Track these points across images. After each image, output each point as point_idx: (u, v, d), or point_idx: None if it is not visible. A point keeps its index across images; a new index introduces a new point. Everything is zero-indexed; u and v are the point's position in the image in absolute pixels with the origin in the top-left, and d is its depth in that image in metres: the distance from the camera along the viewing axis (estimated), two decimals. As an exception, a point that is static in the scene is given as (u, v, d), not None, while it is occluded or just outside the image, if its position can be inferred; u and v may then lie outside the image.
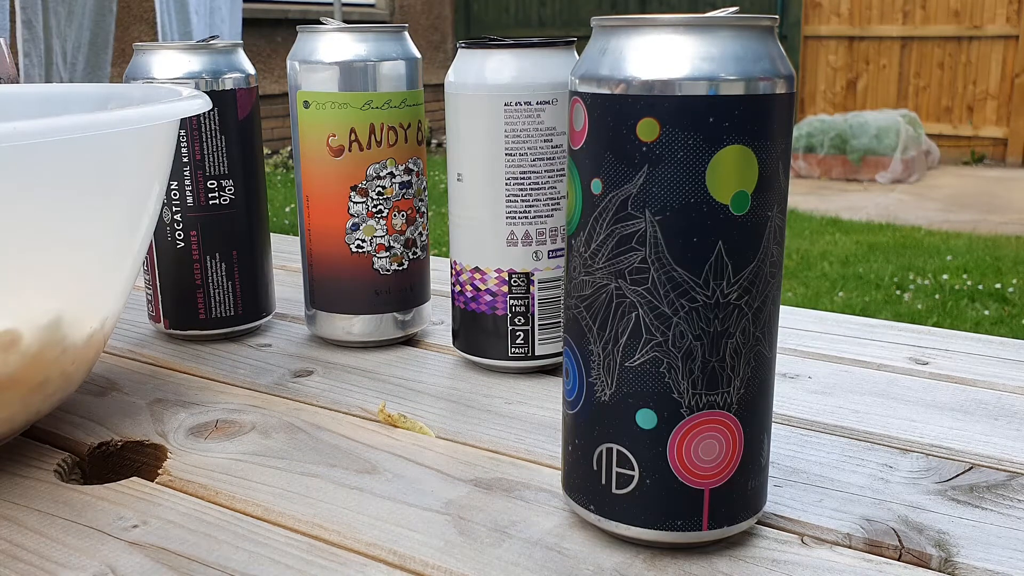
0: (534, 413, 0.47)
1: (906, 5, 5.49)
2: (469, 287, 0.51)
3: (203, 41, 0.56)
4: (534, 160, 0.48)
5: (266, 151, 5.12)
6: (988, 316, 2.53)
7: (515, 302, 0.50)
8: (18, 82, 0.61)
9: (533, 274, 0.50)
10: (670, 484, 0.33)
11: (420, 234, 0.56)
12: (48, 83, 0.54)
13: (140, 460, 0.44)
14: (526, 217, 0.49)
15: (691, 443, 0.32)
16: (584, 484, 0.35)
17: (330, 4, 5.02)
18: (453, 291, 0.53)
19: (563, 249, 0.50)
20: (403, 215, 0.54)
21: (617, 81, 0.31)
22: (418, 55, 0.55)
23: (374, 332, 0.56)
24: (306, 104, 0.53)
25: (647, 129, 0.30)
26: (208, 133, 0.54)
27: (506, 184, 0.49)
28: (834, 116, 5.06)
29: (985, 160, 5.33)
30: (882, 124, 4.75)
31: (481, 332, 0.51)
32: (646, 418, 0.32)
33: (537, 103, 0.48)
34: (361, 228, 0.54)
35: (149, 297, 0.58)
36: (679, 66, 0.30)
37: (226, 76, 0.55)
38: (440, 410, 0.47)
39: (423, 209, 0.56)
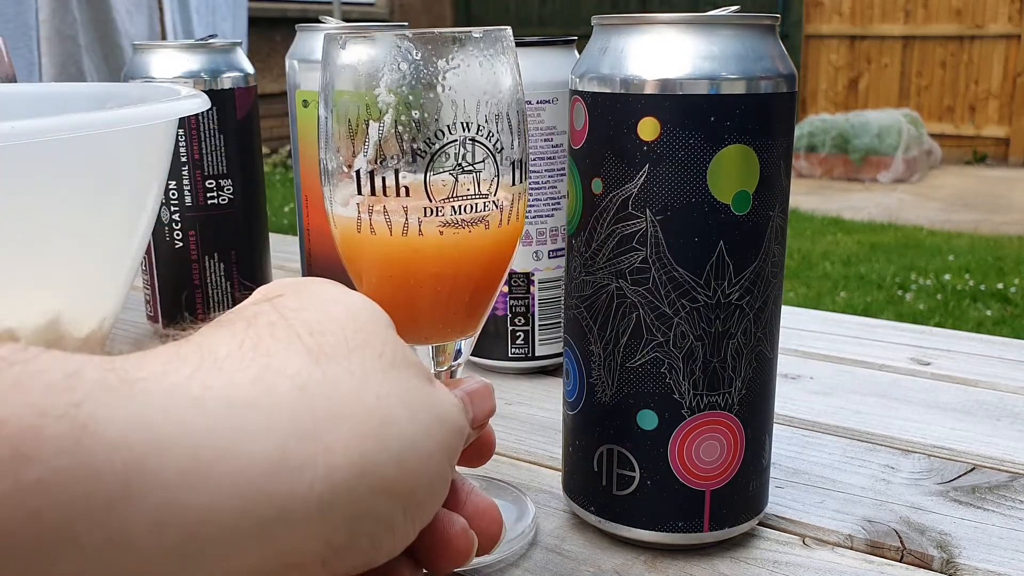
0: (534, 414, 0.47)
1: (908, 4, 5.49)
2: (469, 287, 0.51)
3: (201, 40, 0.56)
4: (534, 160, 0.48)
5: (265, 150, 5.12)
6: (990, 316, 2.52)
7: (515, 302, 0.50)
8: (16, 81, 0.61)
9: (533, 274, 0.50)
10: (671, 485, 0.33)
11: (420, 234, 0.56)
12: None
13: (139, 461, 0.43)
14: (526, 217, 0.49)
15: (692, 444, 0.32)
16: (585, 485, 0.35)
17: (329, 3, 5.02)
18: (453, 291, 0.52)
19: (563, 249, 0.50)
20: (403, 215, 0.54)
21: (618, 80, 0.31)
22: (418, 54, 0.55)
23: (374, 332, 0.56)
24: (305, 103, 0.53)
25: (648, 128, 0.30)
26: (207, 132, 0.54)
27: (506, 184, 0.48)
28: (836, 115, 5.06)
29: (987, 160, 5.32)
30: (884, 123, 4.74)
31: (481, 332, 0.51)
32: (647, 419, 0.32)
33: (537, 102, 0.47)
34: (361, 228, 0.53)
35: (147, 297, 0.58)
36: (680, 65, 0.30)
37: (225, 75, 0.55)
38: (440, 410, 0.47)
39: (423, 209, 0.56)
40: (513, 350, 0.51)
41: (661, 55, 0.30)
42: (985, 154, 5.35)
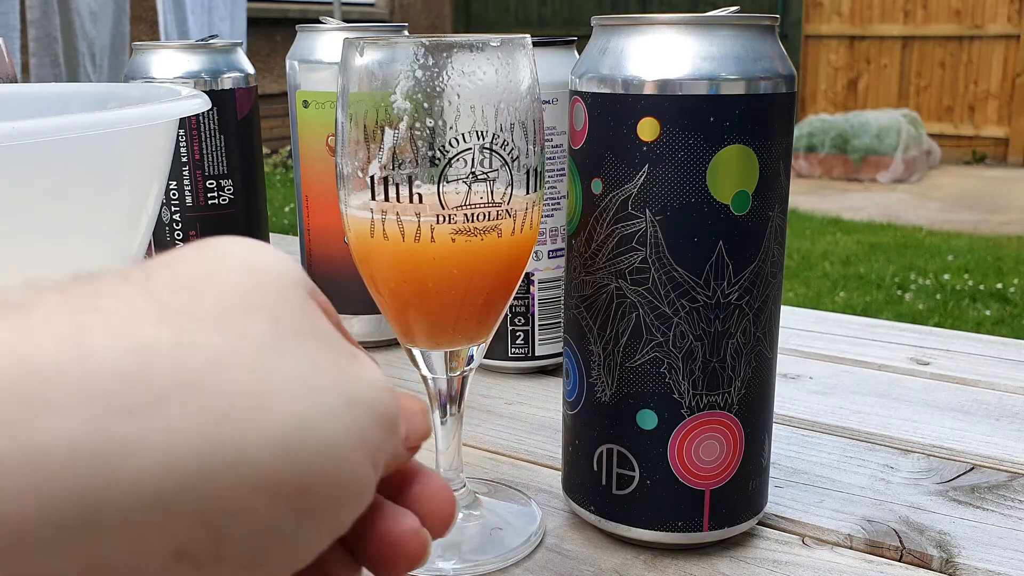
0: (534, 413, 0.47)
1: (907, 4, 5.49)
2: (469, 287, 0.51)
3: (202, 40, 0.56)
4: (534, 160, 0.48)
5: (265, 151, 5.11)
6: (989, 316, 2.52)
7: (515, 302, 0.50)
8: (16, 81, 0.61)
9: (533, 274, 0.50)
10: (671, 485, 0.33)
11: (420, 234, 0.56)
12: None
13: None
14: (526, 217, 0.49)
15: (692, 444, 0.32)
16: (584, 485, 0.35)
17: (329, 3, 5.02)
18: (453, 291, 0.52)
19: (563, 249, 0.50)
20: (403, 215, 0.54)
21: (617, 80, 0.31)
22: (418, 54, 0.55)
23: (374, 332, 0.56)
24: (305, 103, 0.53)
25: (647, 129, 0.30)
26: (207, 133, 0.54)
27: (506, 184, 0.48)
28: (835, 116, 5.06)
29: (986, 160, 5.32)
30: (883, 124, 4.74)
31: (481, 332, 0.51)
32: (647, 419, 0.32)
33: (537, 102, 0.47)
34: (361, 228, 0.54)
35: (148, 297, 0.58)
36: (680, 65, 0.30)
37: (225, 76, 0.55)
38: (440, 410, 0.47)
39: (423, 209, 0.56)
40: (513, 350, 0.51)
41: (661, 55, 0.30)
42: (984, 154, 5.35)
